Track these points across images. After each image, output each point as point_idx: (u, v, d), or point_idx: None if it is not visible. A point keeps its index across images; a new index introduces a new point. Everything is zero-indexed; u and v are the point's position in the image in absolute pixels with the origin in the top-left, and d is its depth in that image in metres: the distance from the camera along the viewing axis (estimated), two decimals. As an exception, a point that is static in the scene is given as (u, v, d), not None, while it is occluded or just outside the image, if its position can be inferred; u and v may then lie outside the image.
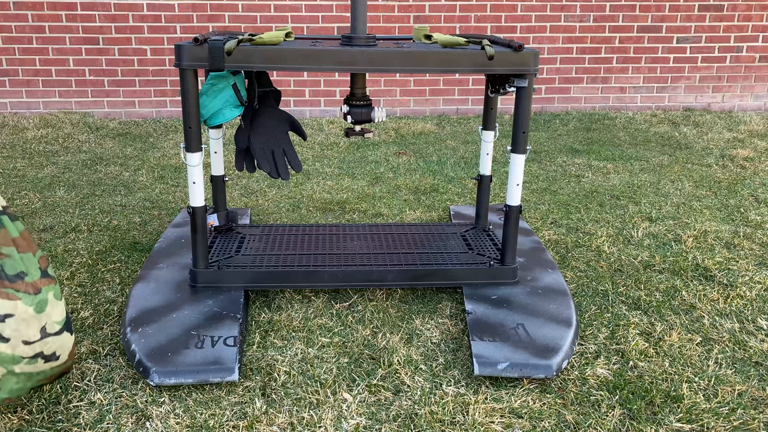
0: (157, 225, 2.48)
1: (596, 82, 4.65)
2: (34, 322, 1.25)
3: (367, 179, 3.07)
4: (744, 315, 1.85)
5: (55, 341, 1.30)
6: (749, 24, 4.62)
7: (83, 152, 3.48)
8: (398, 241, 2.11)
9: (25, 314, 1.24)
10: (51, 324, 1.29)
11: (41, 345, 1.27)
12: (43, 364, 1.28)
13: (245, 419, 1.39)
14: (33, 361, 1.26)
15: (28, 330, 1.24)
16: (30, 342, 1.25)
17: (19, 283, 1.24)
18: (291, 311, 1.84)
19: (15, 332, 1.23)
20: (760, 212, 2.66)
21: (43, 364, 1.28)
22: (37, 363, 1.27)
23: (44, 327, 1.27)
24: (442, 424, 1.39)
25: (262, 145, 1.91)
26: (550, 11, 4.45)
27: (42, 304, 1.27)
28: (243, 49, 1.61)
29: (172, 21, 4.23)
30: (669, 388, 1.51)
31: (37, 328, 1.26)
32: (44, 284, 1.28)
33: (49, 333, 1.28)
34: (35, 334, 1.26)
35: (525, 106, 1.74)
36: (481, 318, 1.70)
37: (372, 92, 4.48)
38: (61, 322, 1.31)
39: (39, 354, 1.27)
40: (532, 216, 2.60)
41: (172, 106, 4.40)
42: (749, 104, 4.83)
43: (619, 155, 3.54)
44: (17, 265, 1.25)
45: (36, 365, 1.27)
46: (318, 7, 4.30)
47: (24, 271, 1.25)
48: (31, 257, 1.27)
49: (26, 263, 1.26)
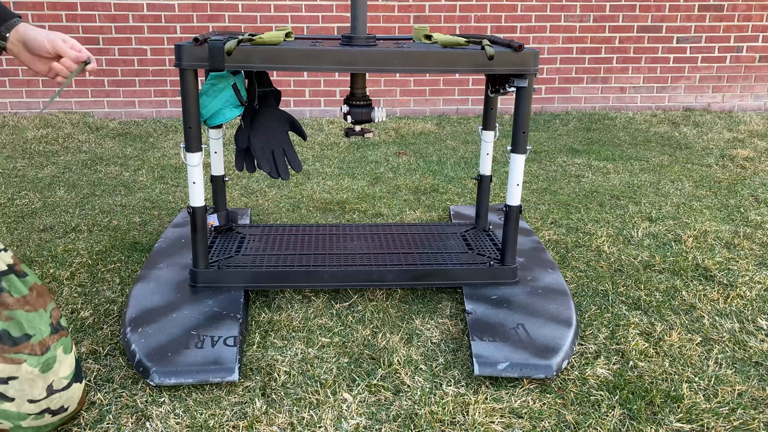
0: (157, 225, 2.48)
1: (596, 82, 4.65)
2: (40, 381, 1.23)
3: (367, 179, 3.07)
4: (744, 315, 1.85)
5: (63, 396, 1.28)
6: (749, 24, 4.62)
7: (83, 152, 3.48)
8: (398, 241, 2.11)
9: (30, 375, 1.22)
10: (58, 381, 1.26)
11: (47, 402, 1.25)
12: (51, 417, 1.27)
13: (245, 419, 1.39)
14: (40, 417, 1.25)
15: (33, 389, 1.22)
16: (35, 400, 1.23)
17: (24, 345, 1.21)
18: (291, 311, 1.84)
19: (19, 392, 1.21)
20: (760, 212, 2.66)
21: (50, 418, 1.27)
22: (44, 418, 1.26)
23: (51, 385, 1.25)
24: (442, 424, 1.39)
25: (262, 145, 1.91)
26: (550, 11, 4.45)
27: (49, 362, 1.24)
28: (243, 49, 1.61)
29: (172, 21, 4.23)
30: (669, 388, 1.51)
31: (42, 387, 1.24)
32: (53, 341, 1.25)
33: (56, 390, 1.26)
34: (41, 392, 1.24)
35: (525, 106, 1.74)
36: (481, 318, 1.70)
37: (372, 92, 4.48)
38: (69, 377, 1.29)
39: (46, 410, 1.25)
40: (532, 216, 2.60)
41: (172, 106, 4.40)
42: (749, 104, 4.83)
43: (619, 155, 3.54)
44: (23, 326, 1.21)
45: (43, 419, 1.26)
46: (318, 7, 4.30)
47: (29, 333, 1.22)
48: (42, 313, 1.24)
49: (34, 323, 1.22)
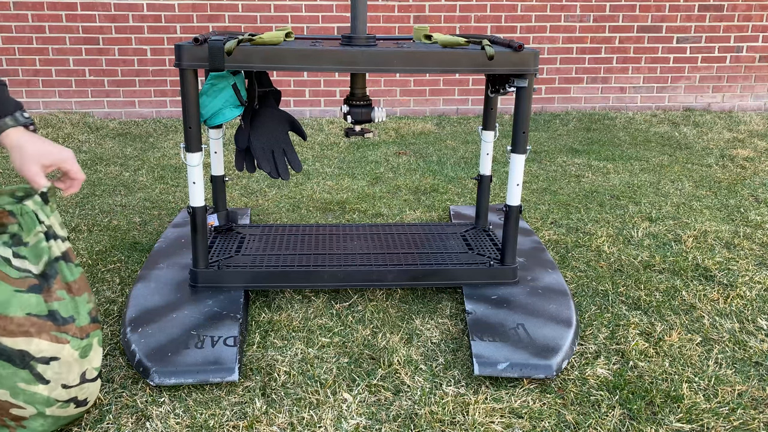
0: (157, 225, 2.48)
1: (596, 82, 4.65)
2: (76, 367, 1.26)
3: (367, 179, 3.07)
4: (744, 315, 1.85)
5: (90, 388, 1.30)
6: (749, 24, 4.62)
7: (83, 152, 3.48)
8: (398, 241, 2.11)
9: (71, 358, 1.24)
10: (90, 370, 1.29)
11: (77, 390, 1.27)
12: (73, 408, 1.28)
13: (245, 419, 1.39)
14: (65, 406, 1.26)
15: (69, 374, 1.25)
16: (68, 386, 1.25)
17: (70, 326, 1.25)
18: (291, 311, 1.84)
19: (56, 375, 1.23)
20: (760, 212, 2.66)
21: (73, 409, 1.28)
22: (68, 408, 1.27)
23: (84, 373, 1.28)
24: (442, 424, 1.39)
25: (262, 145, 1.91)
26: (550, 11, 4.45)
27: (86, 349, 1.27)
28: (243, 49, 1.61)
29: (172, 21, 4.23)
30: (669, 388, 1.51)
31: (78, 373, 1.26)
32: (92, 329, 1.29)
33: (87, 379, 1.29)
34: (75, 378, 1.26)
35: (525, 106, 1.74)
36: (481, 318, 1.70)
37: (372, 92, 4.48)
38: (98, 369, 1.32)
39: (73, 399, 1.27)
40: (532, 216, 2.60)
41: (172, 106, 4.40)
42: (749, 104, 4.83)
43: (619, 155, 3.54)
44: (69, 309, 1.25)
45: (66, 409, 1.27)
46: (318, 7, 4.30)
47: (74, 316, 1.26)
48: (84, 302, 1.28)
49: (79, 308, 1.27)
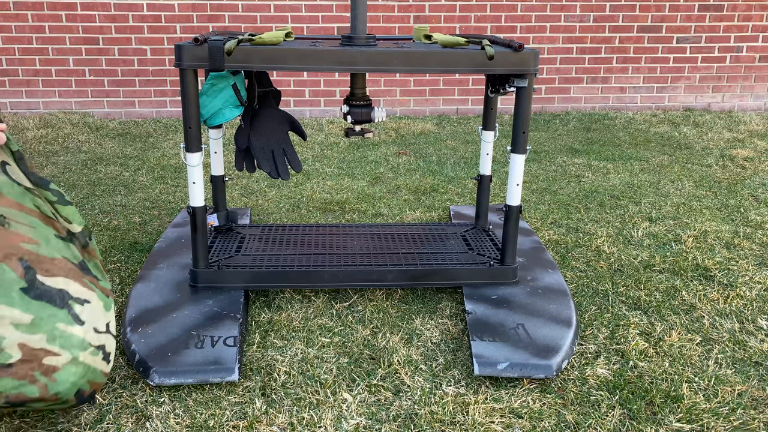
0: (157, 225, 2.48)
1: (596, 82, 4.65)
2: (102, 316, 1.35)
3: (367, 179, 3.07)
4: (744, 315, 1.85)
5: (111, 342, 1.37)
6: (749, 24, 4.62)
7: (83, 152, 3.48)
8: (398, 241, 2.11)
9: (98, 306, 1.35)
10: (112, 325, 1.38)
11: (105, 338, 1.34)
12: (101, 360, 1.33)
13: (245, 419, 1.39)
14: (96, 353, 1.32)
15: (98, 320, 1.33)
16: (99, 331, 1.33)
17: (95, 281, 1.38)
18: (291, 311, 1.84)
19: (90, 317, 1.31)
20: (760, 212, 2.66)
21: (101, 361, 1.33)
22: (97, 356, 1.32)
23: (108, 324, 1.36)
24: (442, 424, 1.39)
25: (262, 145, 1.91)
26: (550, 11, 4.45)
27: (108, 305, 1.38)
28: (243, 49, 1.61)
29: (172, 21, 4.23)
30: (669, 388, 1.51)
31: (104, 321, 1.35)
32: (111, 296, 1.42)
33: (110, 331, 1.37)
34: (102, 326, 1.34)
35: (525, 106, 1.74)
36: (481, 318, 1.70)
37: (372, 92, 4.48)
38: (114, 332, 1.40)
39: (101, 347, 1.33)
40: (532, 216, 2.60)
41: (172, 106, 4.40)
42: (749, 104, 4.83)
43: (619, 155, 3.54)
44: (95, 270, 1.41)
45: (96, 359, 1.32)
46: (318, 7, 4.30)
47: (99, 277, 1.40)
48: (105, 277, 1.44)
49: (102, 274, 1.43)
